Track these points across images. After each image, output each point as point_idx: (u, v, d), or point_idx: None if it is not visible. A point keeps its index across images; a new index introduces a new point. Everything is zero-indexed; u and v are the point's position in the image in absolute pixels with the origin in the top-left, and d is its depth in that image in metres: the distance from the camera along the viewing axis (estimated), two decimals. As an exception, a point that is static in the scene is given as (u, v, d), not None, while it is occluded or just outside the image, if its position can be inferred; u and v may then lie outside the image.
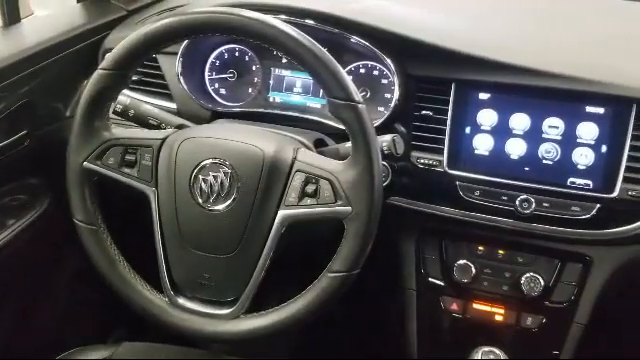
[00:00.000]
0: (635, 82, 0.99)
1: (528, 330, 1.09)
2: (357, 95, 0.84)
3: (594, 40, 1.12)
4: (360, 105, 0.84)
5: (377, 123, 1.08)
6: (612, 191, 0.99)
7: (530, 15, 1.23)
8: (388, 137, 0.97)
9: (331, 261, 0.86)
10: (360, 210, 0.83)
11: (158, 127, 1.04)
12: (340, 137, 1.05)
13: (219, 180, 0.88)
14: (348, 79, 0.85)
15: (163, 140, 0.93)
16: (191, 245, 0.91)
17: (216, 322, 0.91)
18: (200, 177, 0.89)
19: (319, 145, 1.04)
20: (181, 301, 0.93)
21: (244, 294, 0.90)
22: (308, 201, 0.86)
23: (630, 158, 0.98)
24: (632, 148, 0.98)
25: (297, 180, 0.87)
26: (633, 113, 0.98)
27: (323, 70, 0.84)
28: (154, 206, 0.92)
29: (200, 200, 0.89)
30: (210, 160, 0.89)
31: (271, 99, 1.20)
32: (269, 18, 0.84)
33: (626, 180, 0.98)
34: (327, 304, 0.86)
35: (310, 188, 0.86)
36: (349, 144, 0.86)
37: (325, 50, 0.84)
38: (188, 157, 0.90)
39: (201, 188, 0.89)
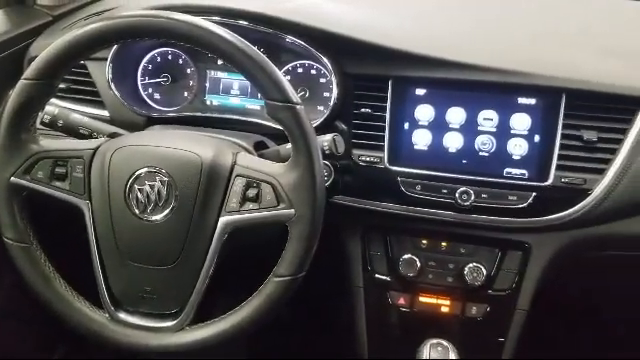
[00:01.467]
0: (564, 73, 1.02)
1: (473, 319, 1.11)
2: (294, 96, 0.84)
3: (525, 34, 1.15)
4: (298, 106, 0.83)
5: (317, 122, 1.08)
6: (546, 179, 1.02)
7: (463, 11, 1.25)
8: (328, 137, 0.96)
9: (276, 265, 0.85)
10: (303, 212, 0.83)
11: (90, 137, 1.00)
12: (282, 138, 1.03)
13: (156, 189, 0.85)
14: (284, 80, 0.84)
15: (95, 150, 0.89)
16: (130, 258, 0.88)
17: (160, 335, 0.88)
18: (136, 187, 0.86)
19: (259, 148, 1.03)
20: (122, 316, 0.90)
21: (188, 305, 0.87)
22: (250, 206, 0.85)
23: (562, 146, 1.02)
24: (563, 137, 1.02)
25: (238, 185, 0.86)
26: (563, 103, 1.01)
27: (258, 72, 0.82)
28: (88, 220, 0.88)
29: (137, 211, 0.86)
30: (145, 169, 0.86)
31: (208, 102, 1.18)
32: (199, 20, 0.82)
33: (559, 168, 1.02)
34: (274, 309, 0.86)
35: (251, 192, 0.85)
36: (290, 145, 0.85)
37: (259, 51, 0.83)
38: (122, 167, 0.87)
39: (137, 198, 0.86)
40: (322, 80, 1.14)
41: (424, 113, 1.06)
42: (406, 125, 1.06)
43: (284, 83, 0.83)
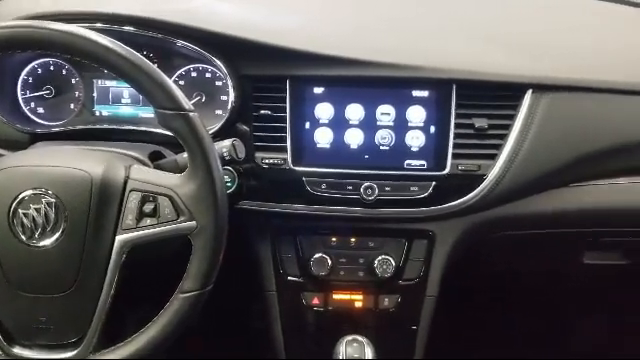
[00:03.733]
0: (453, 64, 1.06)
1: (386, 310, 1.13)
2: (186, 103, 0.80)
3: (415, 28, 1.17)
4: (191, 113, 0.80)
5: (216, 127, 1.05)
6: (444, 168, 1.05)
7: (355, 8, 1.26)
8: (227, 142, 0.94)
9: (182, 280, 0.82)
10: (205, 224, 0.80)
11: None
12: (180, 146, 0.99)
13: (42, 212, 0.79)
14: (174, 87, 0.80)
15: None
16: (19, 288, 0.81)
17: None
18: (20, 211, 0.79)
19: (155, 158, 0.99)
20: (17, 351, 0.83)
21: (89, 332, 0.82)
22: (148, 221, 0.81)
23: (456, 135, 1.05)
24: (457, 126, 1.05)
25: (133, 200, 0.81)
26: (454, 93, 1.05)
27: (145, 79, 0.78)
28: None
29: (23, 237, 0.79)
30: (30, 191, 0.80)
31: (97, 113, 1.11)
32: (77, 28, 0.77)
33: (455, 156, 1.05)
34: (183, 324, 0.83)
35: (148, 207, 0.81)
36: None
37: (147, 57, 0.79)
38: (3, 190, 0.80)
39: (22, 223, 0.79)
40: (218, 83, 1.11)
41: (324, 111, 1.06)
42: (307, 124, 1.06)
43: (174, 90, 0.80)
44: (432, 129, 1.06)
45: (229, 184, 1.03)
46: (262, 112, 1.06)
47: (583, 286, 1.49)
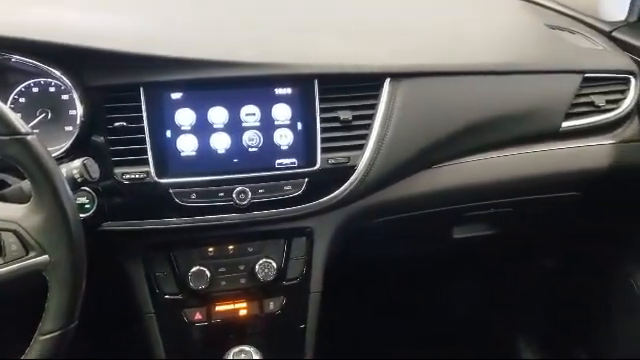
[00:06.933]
0: (312, 59, 1.05)
1: (273, 314, 1.11)
2: (23, 126, 0.72)
3: (273, 25, 1.16)
4: (29, 137, 0.72)
5: (67, 145, 0.97)
6: (315, 164, 1.05)
7: (208, 7, 1.21)
8: (77, 162, 0.86)
9: (41, 321, 0.74)
10: (59, 257, 0.73)
11: None
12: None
13: None
14: (6, 109, 0.72)
15: None
16: None
17: None
18: None
19: None
20: None
21: None
22: None
23: (323, 130, 1.05)
24: (323, 120, 1.05)
25: None
26: (316, 88, 1.05)
27: None
28: None
29: None
30: None
31: None
32: None
33: (324, 151, 1.05)
34: None
35: None
36: None
37: None
38: None
39: None
40: (64, 97, 1.01)
41: (185, 117, 1.01)
42: (168, 133, 1.00)
43: (6, 112, 0.71)
44: (299, 126, 1.05)
45: (88, 206, 0.95)
46: (117, 124, 0.98)
47: (456, 259, 1.59)
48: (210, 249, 1.07)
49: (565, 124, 1.22)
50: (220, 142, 1.02)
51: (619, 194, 1.36)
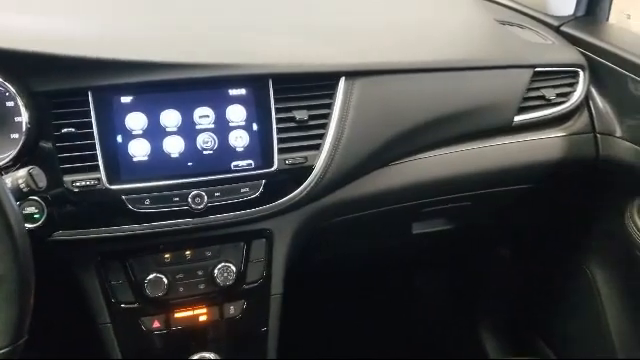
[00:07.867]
0: (266, 59, 1.04)
1: (234, 319, 1.10)
2: None
3: (224, 26, 1.14)
4: None
5: (13, 153, 0.92)
6: (271, 165, 1.04)
7: (156, 9, 1.18)
8: (23, 172, 0.82)
9: None
10: (4, 271, 0.70)
11: None
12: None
13: None
14: None
15: None
16: None
17: None
18: None
19: None
20: None
21: None
22: None
23: (279, 130, 1.04)
24: (278, 121, 1.04)
25: None
26: (271, 88, 1.03)
27: None
28: None
29: None
30: None
31: None
32: None
33: (281, 151, 1.04)
34: None
35: None
36: None
37: None
38: None
39: None
40: (9, 104, 0.97)
41: (136, 121, 0.98)
42: (119, 138, 0.97)
43: None
44: (255, 127, 1.03)
45: (37, 216, 0.92)
46: (65, 130, 0.95)
47: (417, 254, 1.60)
48: (167, 255, 1.05)
49: (517, 118, 1.25)
50: (173, 146, 1.00)
51: (571, 185, 1.39)
